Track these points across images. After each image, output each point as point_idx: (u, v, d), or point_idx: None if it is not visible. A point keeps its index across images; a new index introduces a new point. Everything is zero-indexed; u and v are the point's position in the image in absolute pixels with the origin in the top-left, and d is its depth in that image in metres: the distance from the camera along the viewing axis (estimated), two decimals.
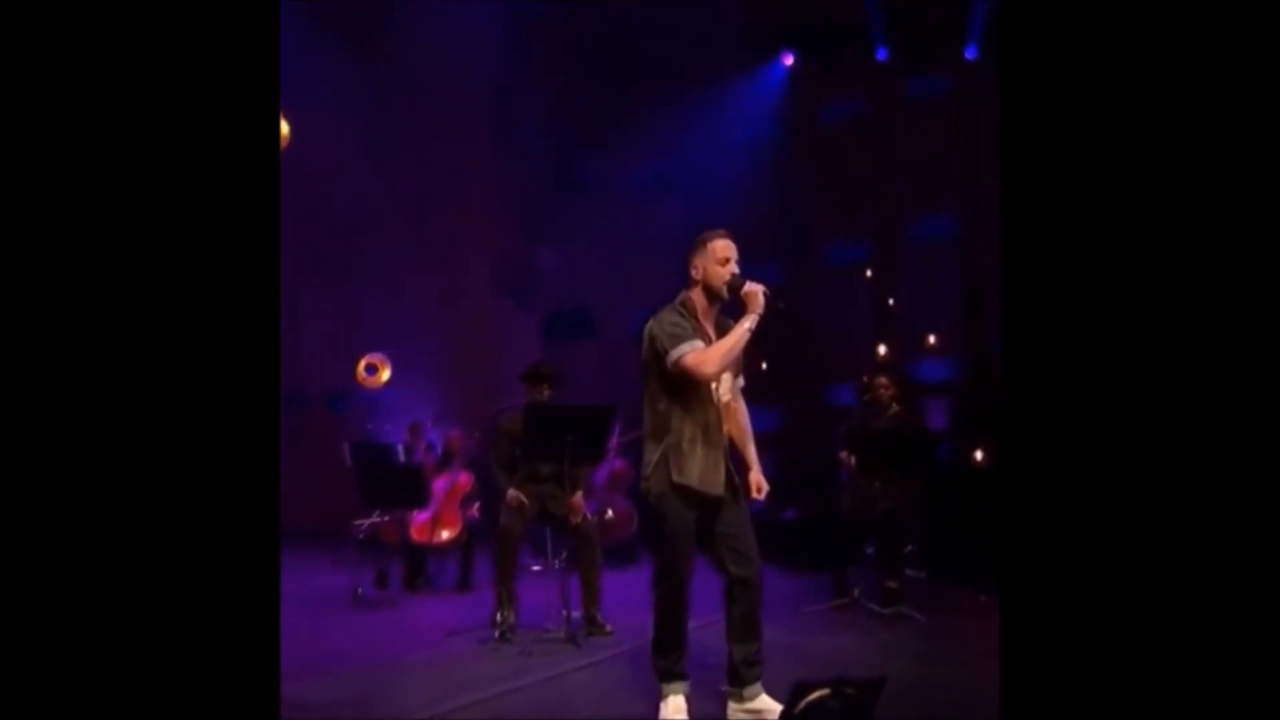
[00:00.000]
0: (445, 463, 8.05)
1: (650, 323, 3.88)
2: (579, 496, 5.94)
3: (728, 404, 4.00)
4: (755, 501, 4.01)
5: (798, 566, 7.69)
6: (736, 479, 3.95)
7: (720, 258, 3.87)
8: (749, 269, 3.95)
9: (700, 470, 3.83)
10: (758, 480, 4.05)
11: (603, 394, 7.12)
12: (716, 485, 3.86)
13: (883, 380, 6.82)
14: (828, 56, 10.52)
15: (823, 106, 10.84)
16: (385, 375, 9.31)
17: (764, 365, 10.30)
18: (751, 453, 4.14)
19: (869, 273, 10.42)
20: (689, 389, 3.84)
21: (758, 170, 10.64)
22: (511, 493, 5.92)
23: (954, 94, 9.95)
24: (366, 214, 11.04)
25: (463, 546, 7.65)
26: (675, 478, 3.80)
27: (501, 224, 11.49)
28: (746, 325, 3.77)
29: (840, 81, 10.61)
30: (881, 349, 9.75)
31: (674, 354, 3.72)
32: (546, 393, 6.11)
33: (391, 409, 9.70)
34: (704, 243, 3.92)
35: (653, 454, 3.88)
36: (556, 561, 6.02)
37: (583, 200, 11.08)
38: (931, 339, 9.90)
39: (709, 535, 3.89)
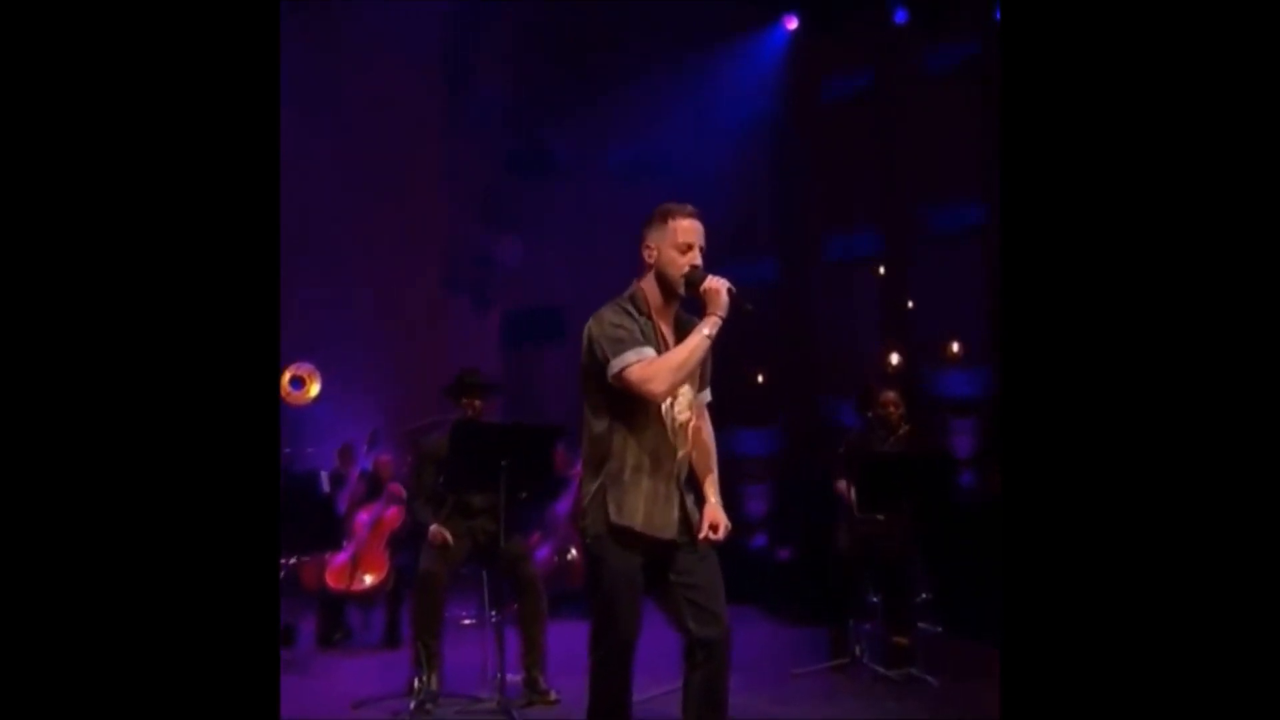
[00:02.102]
0: (372, 493, 7.80)
1: (590, 322, 3.62)
2: (520, 536, 5.78)
3: (686, 424, 3.69)
4: (713, 542, 3.68)
5: (792, 617, 7.75)
6: (696, 518, 3.66)
7: (680, 242, 3.55)
8: (742, 265, 3.76)
9: (645, 508, 3.55)
10: (713, 517, 3.69)
11: (573, 407, 6.94)
12: (667, 527, 3.57)
13: (890, 395, 6.62)
14: (836, 20, 10.53)
15: (828, 78, 10.83)
16: (314, 390, 8.84)
17: (760, 379, 10.86)
18: (712, 482, 3.80)
19: (880, 269, 10.38)
20: (634, 406, 3.55)
21: (752, 150, 10.68)
22: (434, 528, 5.65)
23: (979, 63, 9.80)
24: (294, 199, 10.75)
25: (390, 594, 7.39)
26: (613, 517, 3.52)
27: (454, 209, 11.49)
28: (706, 331, 3.48)
29: (848, 49, 10.61)
30: (893, 358, 9.69)
31: (615, 364, 3.46)
32: (477, 407, 5.82)
33: (321, 430, 9.46)
34: (663, 217, 3.59)
35: (589, 486, 3.61)
36: (493, 613, 5.76)
37: (549, 184, 11.13)
38: (954, 347, 9.83)
39: (664, 586, 3.62)
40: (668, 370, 3.46)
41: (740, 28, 10.85)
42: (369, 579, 7.34)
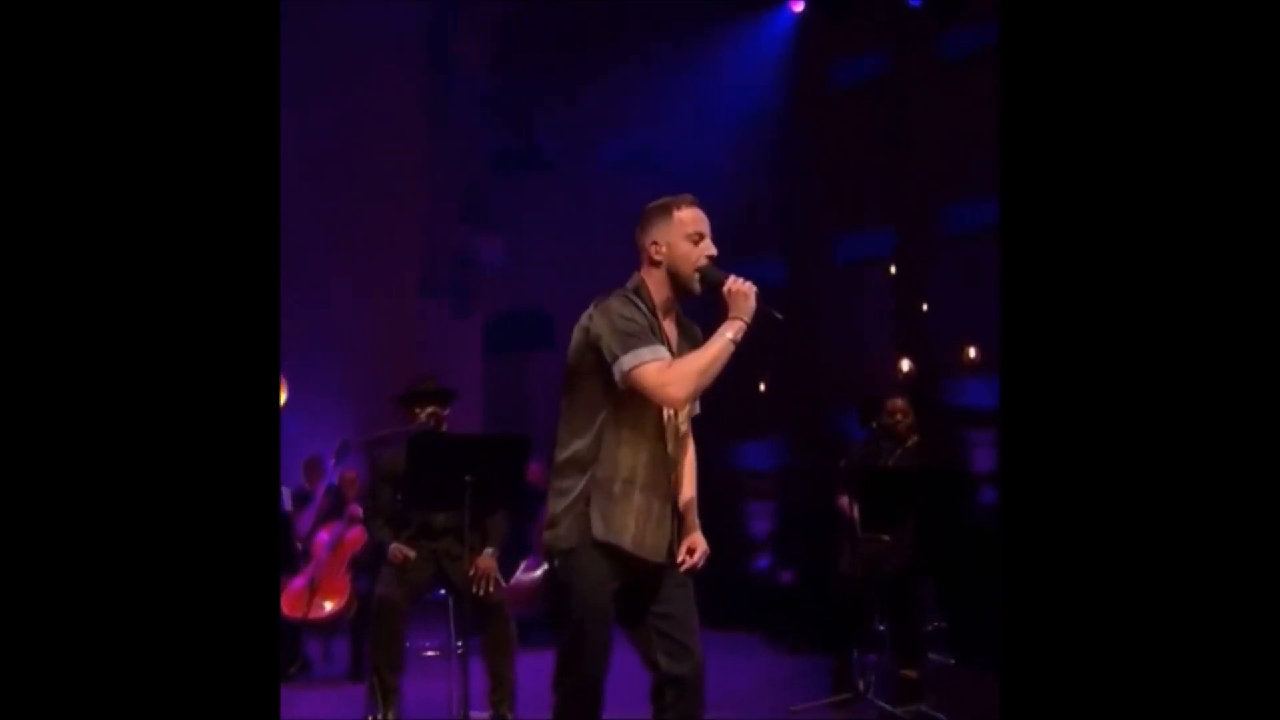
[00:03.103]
0: (335, 511, 7.67)
1: (592, 314, 3.51)
2: (488, 557, 5.55)
3: (685, 436, 3.65)
4: (691, 569, 3.60)
5: (794, 646, 7.77)
6: (677, 542, 3.57)
7: (692, 232, 3.49)
8: (745, 267, 3.65)
9: (636, 526, 3.46)
10: (692, 541, 3.59)
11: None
12: (658, 550, 3.50)
13: (897, 403, 6.49)
14: (845, 1, 10.49)
15: (837, 64, 10.76)
16: (281, 398, 8.74)
17: (762, 387, 10.79)
18: (691, 503, 3.69)
19: (892, 269, 10.32)
20: (638, 411, 3.48)
21: (755, 144, 10.66)
22: (394, 546, 5.57)
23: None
24: None
25: (354, 622, 7.25)
26: (599, 532, 3.41)
27: (434, 208, 11.48)
28: (730, 335, 3.36)
29: (859, 33, 10.51)
30: (904, 364, 9.61)
31: (627, 361, 3.36)
32: (438, 417, 5.72)
33: (288, 442, 9.16)
34: (666, 210, 3.55)
35: (568, 492, 3.50)
36: (459, 643, 5.60)
37: (536, 180, 11.07)
38: (972, 352, 9.72)
39: (635, 614, 3.54)
40: (690, 375, 3.36)
41: (742, 11, 10.77)
42: (329, 605, 7.19)
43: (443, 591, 5.81)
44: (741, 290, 3.38)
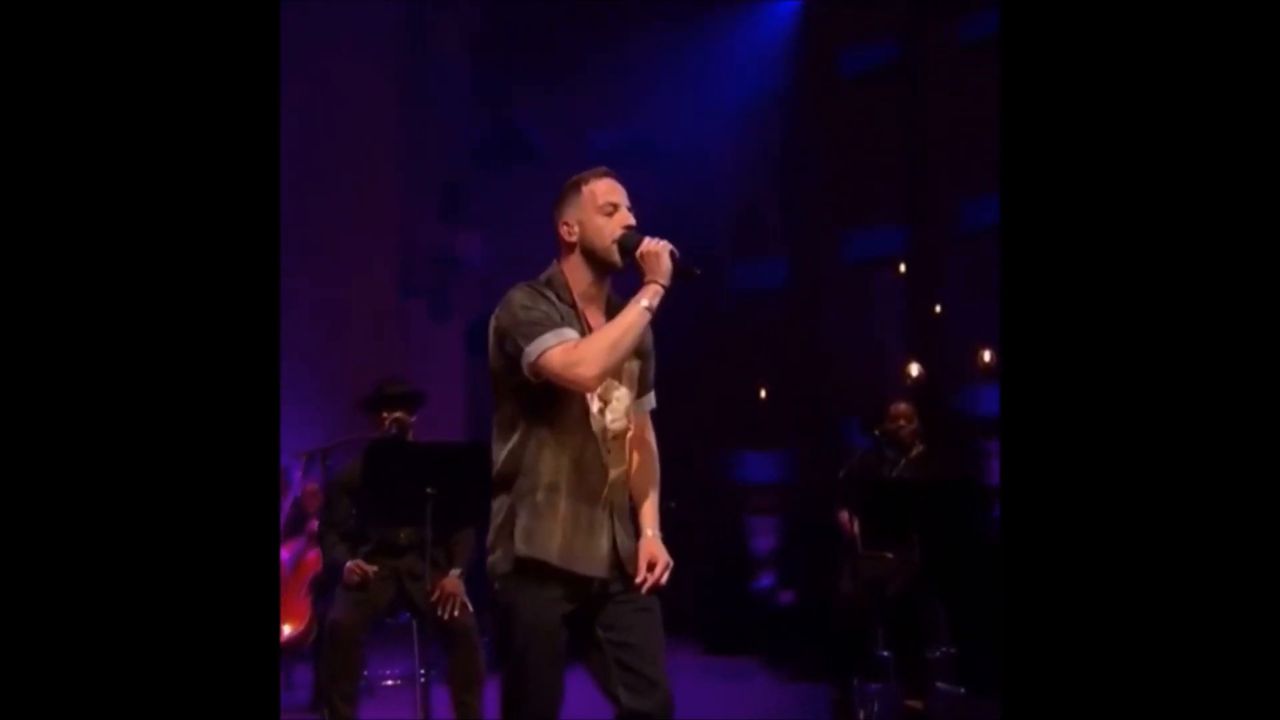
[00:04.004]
0: (294, 529, 7.51)
1: (497, 310, 3.48)
2: (454, 577, 5.46)
3: (621, 435, 3.53)
4: (654, 587, 3.50)
5: (794, 672, 7.75)
6: (632, 554, 3.47)
7: (603, 204, 3.45)
8: (746, 266, 3.89)
9: (564, 536, 3.36)
10: (651, 552, 3.48)
11: None
12: (595, 562, 3.39)
13: (900, 408, 6.52)
14: None
15: (847, 49, 10.78)
16: None
17: (762, 393, 10.86)
18: (650, 508, 3.62)
19: (902, 268, 10.35)
20: (554, 409, 3.42)
21: (758, 134, 10.68)
22: (350, 564, 5.50)
23: None
24: None
25: (315, 647, 7.03)
26: (521, 548, 3.34)
27: (411, 202, 11.40)
28: (645, 302, 3.30)
29: (870, 16, 10.51)
30: (914, 369, 9.60)
31: (531, 349, 3.30)
32: (402, 423, 5.67)
33: None
34: (576, 186, 3.54)
35: (499, 512, 3.45)
36: (422, 671, 5.57)
37: (521, 173, 10.99)
38: (987, 357, 9.71)
39: (591, 642, 3.45)
40: (600, 351, 3.28)
41: None
42: (286, 629, 7.07)
43: (406, 615, 5.74)
44: (654, 250, 3.32)
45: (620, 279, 3.48)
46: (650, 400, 3.64)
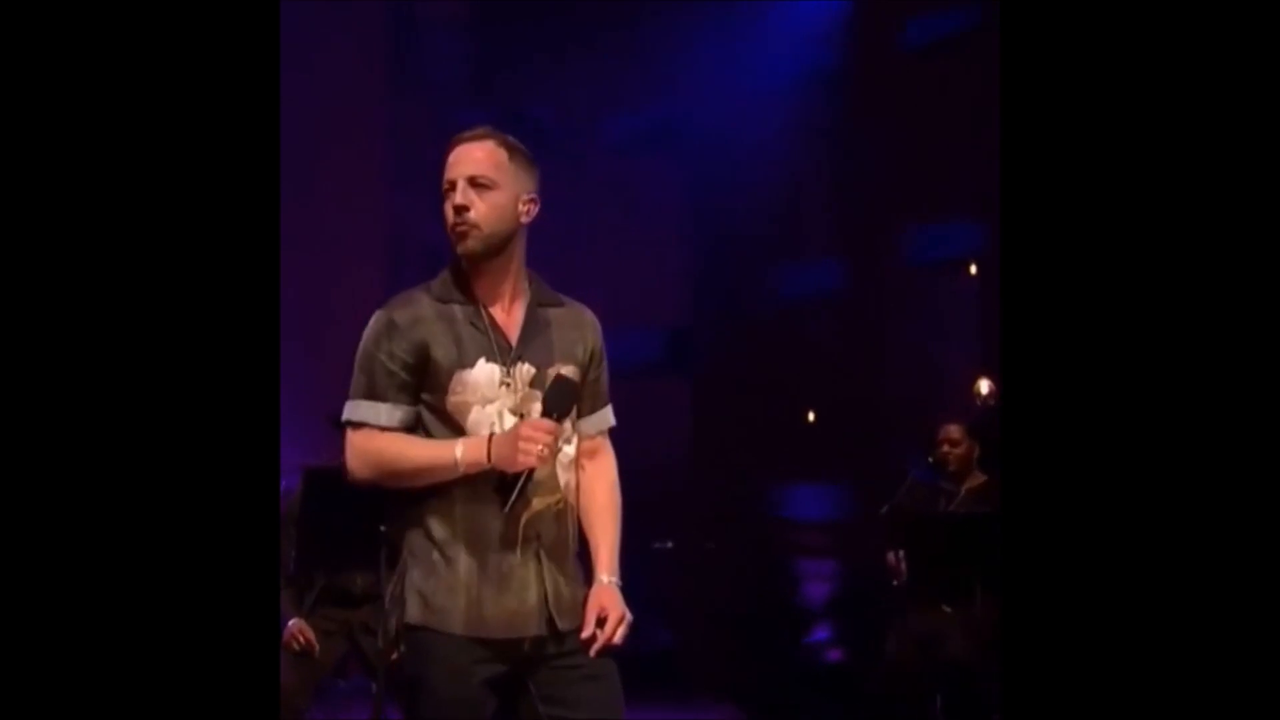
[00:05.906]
0: None
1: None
2: None
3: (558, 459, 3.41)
4: (606, 646, 3.32)
5: None
6: (559, 605, 3.31)
7: (444, 183, 3.43)
8: (791, 268, 4.26)
9: (468, 596, 3.24)
10: (601, 603, 3.33)
11: None
12: (512, 621, 3.24)
13: (951, 431, 6.49)
14: None
15: (912, 17, 10.75)
16: None
17: (810, 416, 10.92)
18: (606, 549, 3.47)
19: (972, 269, 10.36)
20: (454, 431, 3.35)
21: (805, 117, 10.62)
22: (293, 624, 5.51)
23: None
24: None
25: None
26: (414, 616, 3.25)
27: (401, 194, 11.39)
28: (458, 454, 3.25)
29: None
30: (983, 385, 9.09)
31: (347, 409, 3.36)
32: None
33: None
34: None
35: (389, 578, 3.48)
36: None
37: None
38: None
39: (531, 716, 3.32)
40: (382, 464, 3.29)
41: None
42: None
43: (359, 676, 5.84)
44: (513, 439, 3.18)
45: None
46: (605, 418, 3.52)
